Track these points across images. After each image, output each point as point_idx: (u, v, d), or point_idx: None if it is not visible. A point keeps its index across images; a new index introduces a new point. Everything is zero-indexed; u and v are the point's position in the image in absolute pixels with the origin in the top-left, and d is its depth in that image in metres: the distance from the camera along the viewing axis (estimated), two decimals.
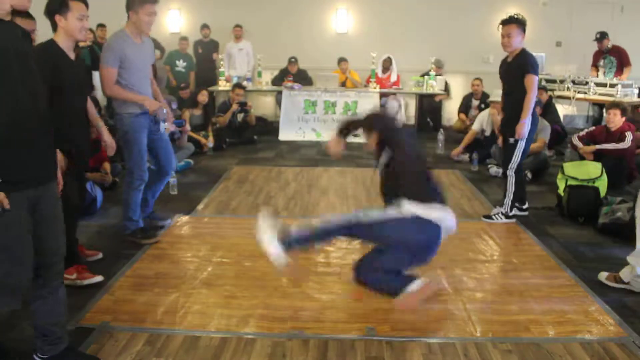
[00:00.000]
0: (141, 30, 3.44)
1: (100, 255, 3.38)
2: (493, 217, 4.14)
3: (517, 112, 3.91)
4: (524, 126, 3.89)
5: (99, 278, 3.02)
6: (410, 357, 2.39)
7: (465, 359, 2.38)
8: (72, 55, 2.92)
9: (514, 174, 4.08)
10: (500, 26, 4.02)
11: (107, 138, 3.27)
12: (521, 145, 3.98)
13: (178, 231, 3.90)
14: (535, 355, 2.41)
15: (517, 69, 3.91)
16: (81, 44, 5.95)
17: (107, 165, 4.86)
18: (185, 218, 4.17)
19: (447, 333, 2.59)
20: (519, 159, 4.03)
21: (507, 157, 4.06)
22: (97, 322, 2.61)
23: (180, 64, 8.53)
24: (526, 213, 4.30)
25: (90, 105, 3.17)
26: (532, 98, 3.85)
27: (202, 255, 3.46)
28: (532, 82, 3.83)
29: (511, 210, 4.14)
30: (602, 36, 7.05)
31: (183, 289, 2.98)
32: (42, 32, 3.10)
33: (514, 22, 3.93)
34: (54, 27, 2.86)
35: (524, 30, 3.96)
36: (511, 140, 3.99)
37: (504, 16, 4.08)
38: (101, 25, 8.25)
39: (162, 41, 8.56)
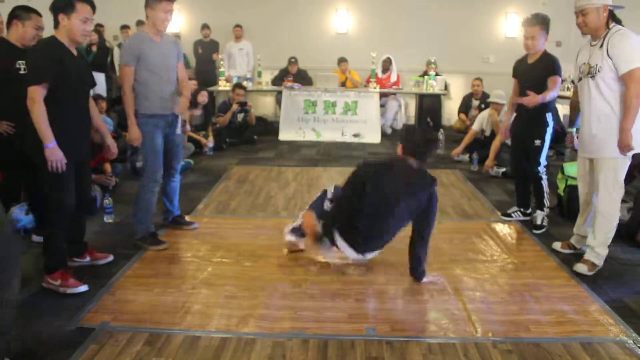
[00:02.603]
0: (157, 28, 3.43)
1: (111, 258, 3.33)
2: (544, 224, 4.00)
3: (535, 114, 3.86)
4: (536, 97, 3.72)
5: (83, 288, 2.92)
6: (410, 357, 2.39)
7: (465, 359, 2.38)
8: (74, 51, 2.92)
9: (545, 176, 4.02)
10: (523, 27, 3.86)
11: (110, 141, 3.28)
12: (546, 147, 3.96)
13: (178, 231, 3.89)
14: (535, 355, 2.41)
15: (541, 72, 3.82)
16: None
17: (107, 166, 4.85)
18: (185, 218, 4.17)
19: (447, 333, 2.58)
20: (546, 160, 4.01)
21: (534, 160, 3.99)
22: (97, 322, 2.61)
23: None
24: (529, 218, 4.22)
25: (93, 106, 3.16)
26: (554, 94, 3.77)
27: (202, 255, 3.46)
28: (556, 82, 3.77)
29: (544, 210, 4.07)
30: None
31: (183, 289, 2.98)
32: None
33: (539, 24, 3.78)
34: (56, 24, 2.85)
35: (547, 31, 3.83)
36: (537, 142, 3.93)
37: (526, 15, 3.89)
38: (99, 25, 8.26)
39: None
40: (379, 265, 3.28)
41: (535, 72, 3.87)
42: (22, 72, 3.24)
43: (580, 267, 3.27)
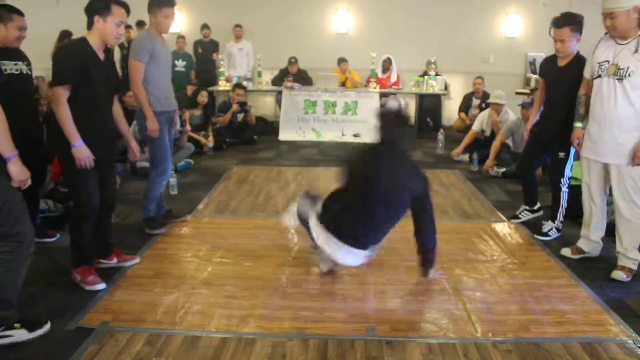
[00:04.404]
0: (160, 31, 3.63)
1: (137, 260, 3.34)
2: (549, 233, 3.87)
3: (563, 123, 3.62)
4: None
5: (100, 286, 2.96)
6: (410, 357, 2.39)
7: (465, 359, 2.38)
8: (101, 55, 2.94)
9: (567, 189, 3.87)
10: (552, 29, 3.60)
11: (133, 144, 3.33)
12: (571, 158, 3.81)
13: (178, 231, 3.90)
14: (535, 355, 2.41)
15: (572, 78, 3.54)
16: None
17: None
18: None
19: (447, 333, 2.58)
20: (570, 171, 3.85)
21: (558, 171, 3.83)
22: (97, 322, 2.61)
23: (180, 64, 8.52)
24: (540, 213, 4.20)
25: (117, 109, 3.17)
26: None
27: (202, 255, 3.46)
28: None
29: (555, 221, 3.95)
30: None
31: (183, 289, 2.98)
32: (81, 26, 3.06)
33: (569, 25, 3.55)
34: (90, 25, 2.88)
35: (580, 31, 3.58)
36: (561, 155, 3.76)
37: (555, 14, 3.59)
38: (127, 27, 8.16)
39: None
40: (379, 265, 3.28)
41: (565, 76, 3.64)
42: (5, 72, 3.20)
43: (619, 274, 3.18)
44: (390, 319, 2.70)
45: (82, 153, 2.83)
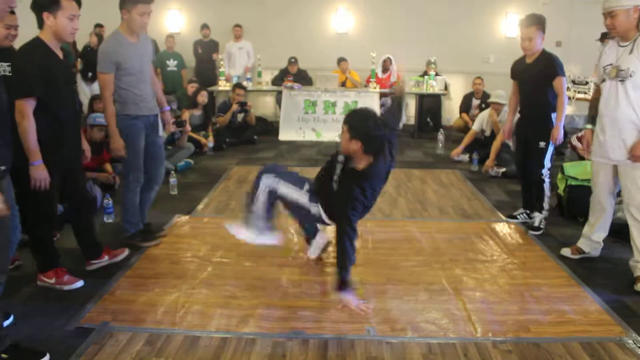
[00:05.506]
0: (133, 30, 3.30)
1: (127, 252, 3.34)
2: (540, 226, 3.94)
3: (539, 115, 3.84)
4: (560, 130, 3.77)
5: (79, 283, 2.96)
6: (410, 357, 2.39)
7: (465, 359, 2.38)
8: (59, 54, 2.79)
9: (548, 179, 3.95)
10: (519, 29, 3.86)
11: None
12: (550, 149, 3.88)
13: (178, 231, 3.90)
14: (535, 355, 2.41)
15: (540, 71, 3.79)
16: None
17: (108, 166, 4.86)
18: (185, 218, 4.17)
19: (447, 333, 2.58)
20: (550, 162, 3.93)
21: (538, 162, 3.91)
22: (97, 322, 2.61)
23: (171, 64, 8.50)
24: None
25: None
26: (565, 101, 3.76)
27: (202, 255, 3.46)
28: (562, 85, 3.74)
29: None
30: (602, 36, 7.05)
31: (183, 289, 2.98)
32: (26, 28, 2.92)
33: (534, 24, 3.76)
34: (40, 23, 2.69)
35: (544, 30, 3.80)
36: (541, 144, 3.86)
37: (520, 15, 3.88)
38: (99, 25, 8.24)
39: (161, 41, 8.57)
40: (379, 265, 3.28)
41: (534, 71, 3.84)
42: None
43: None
44: (390, 319, 2.70)
45: (40, 174, 2.66)
